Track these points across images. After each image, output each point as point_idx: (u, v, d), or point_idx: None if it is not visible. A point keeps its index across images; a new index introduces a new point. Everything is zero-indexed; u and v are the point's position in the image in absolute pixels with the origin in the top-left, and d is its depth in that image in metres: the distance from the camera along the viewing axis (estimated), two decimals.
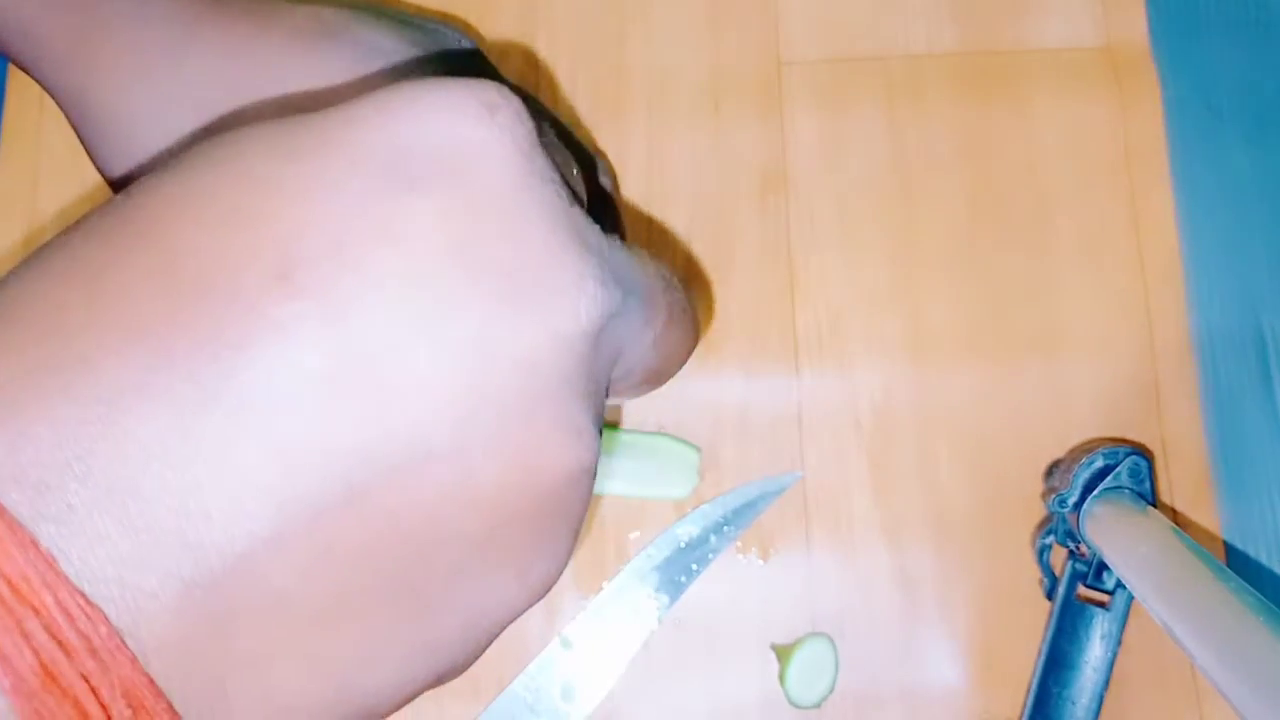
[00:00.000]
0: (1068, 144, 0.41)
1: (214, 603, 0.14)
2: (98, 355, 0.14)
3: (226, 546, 0.14)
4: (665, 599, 0.38)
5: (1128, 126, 0.41)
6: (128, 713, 0.14)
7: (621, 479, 0.39)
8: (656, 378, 0.21)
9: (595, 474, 0.17)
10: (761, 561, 0.39)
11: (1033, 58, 0.42)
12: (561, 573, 0.18)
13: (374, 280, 0.15)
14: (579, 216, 0.18)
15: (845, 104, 0.42)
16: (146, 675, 0.14)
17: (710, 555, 0.38)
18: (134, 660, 0.14)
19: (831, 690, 0.37)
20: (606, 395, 0.19)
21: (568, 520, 0.17)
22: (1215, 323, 0.40)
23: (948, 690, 0.38)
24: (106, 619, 0.14)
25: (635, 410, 0.39)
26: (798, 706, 0.37)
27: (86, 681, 0.13)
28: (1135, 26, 0.42)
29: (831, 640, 0.38)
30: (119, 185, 0.29)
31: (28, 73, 0.29)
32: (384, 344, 0.15)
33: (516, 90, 0.26)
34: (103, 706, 0.14)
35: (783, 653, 0.37)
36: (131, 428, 0.14)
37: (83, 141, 0.29)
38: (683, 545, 0.38)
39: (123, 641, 0.14)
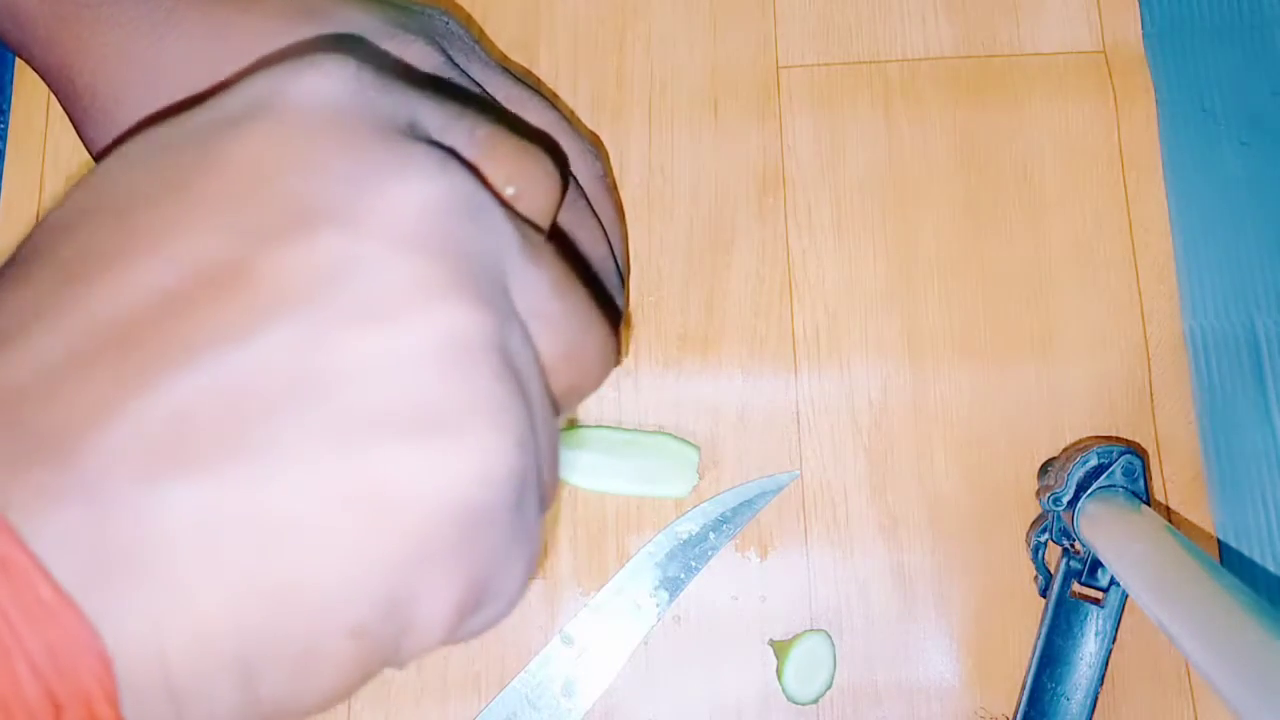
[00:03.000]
0: (1062, 146, 0.42)
1: (90, 498, 0.14)
2: None
3: (96, 444, 0.14)
4: (665, 596, 0.38)
5: (1122, 129, 0.42)
6: (10, 596, 0.14)
7: (621, 478, 0.39)
8: (563, 396, 0.20)
9: (487, 341, 0.17)
10: (760, 559, 0.39)
11: (1028, 61, 0.43)
12: (502, 451, 0.16)
13: (196, 207, 0.16)
14: (412, 132, 0.18)
15: (843, 107, 0.42)
16: (34, 559, 0.14)
17: (709, 553, 0.39)
18: (14, 537, 0.14)
19: (829, 686, 0.38)
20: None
21: (467, 382, 0.16)
22: (1208, 322, 0.40)
23: (944, 686, 0.38)
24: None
25: (635, 409, 0.40)
26: (796, 702, 0.37)
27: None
28: (1129, 30, 0.43)
29: (829, 636, 0.38)
30: None
31: (16, 53, 0.30)
32: (207, 256, 0.16)
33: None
34: None
35: (781, 649, 0.38)
36: None
37: (70, 120, 0.30)
38: (682, 543, 0.39)
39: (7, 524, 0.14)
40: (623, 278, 0.35)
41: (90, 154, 0.30)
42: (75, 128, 0.30)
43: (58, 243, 0.16)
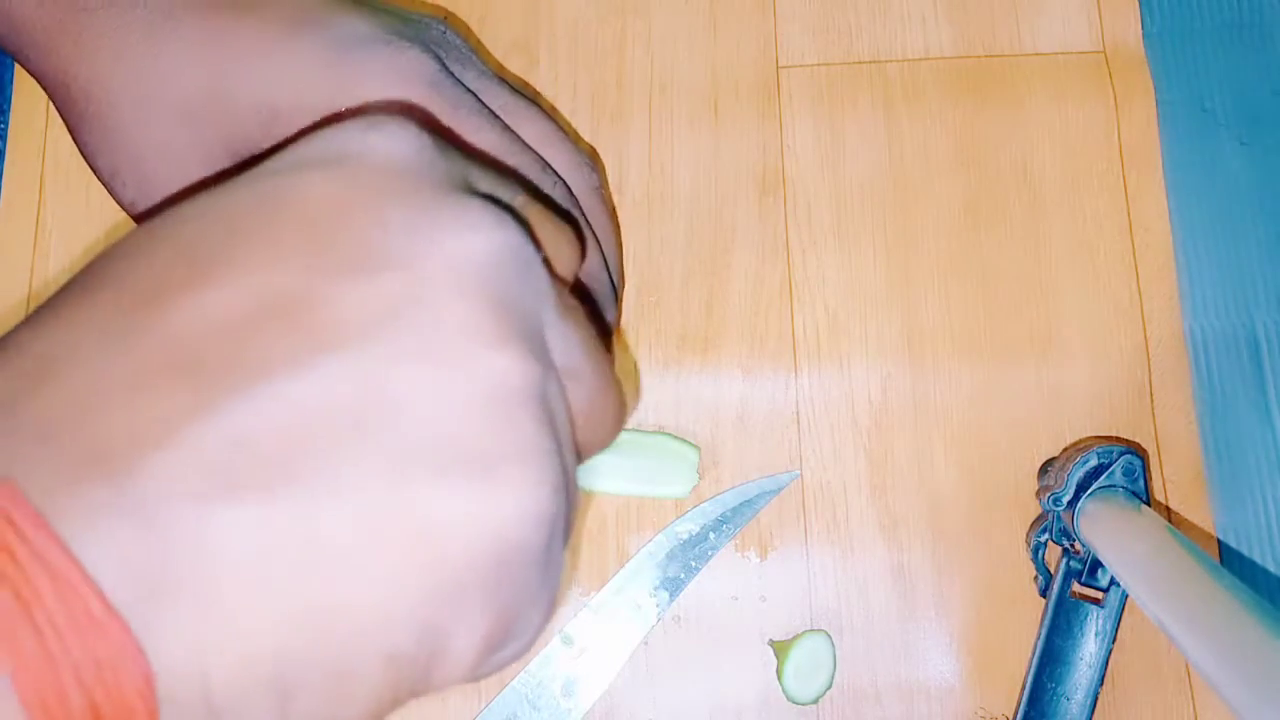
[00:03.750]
0: (1062, 146, 0.42)
1: (145, 517, 0.15)
2: (24, 343, 0.16)
3: (154, 464, 0.15)
4: (665, 596, 0.38)
5: (1122, 129, 0.42)
6: (62, 608, 0.14)
7: (621, 478, 0.39)
8: (581, 449, 0.21)
9: (532, 392, 0.17)
10: (760, 559, 0.39)
11: (1028, 61, 0.43)
12: (542, 493, 0.17)
13: (266, 241, 0.17)
14: (471, 188, 0.19)
15: (843, 107, 0.42)
16: (87, 578, 0.14)
17: (709, 553, 0.39)
18: (69, 556, 0.14)
19: (829, 686, 0.38)
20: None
21: (511, 427, 0.17)
22: (1208, 322, 0.40)
23: (944, 686, 0.38)
24: (36, 509, 0.14)
25: (635, 410, 0.40)
26: (796, 702, 0.37)
27: (27, 579, 0.14)
28: (1129, 30, 0.43)
29: (829, 636, 0.38)
30: (100, 171, 0.29)
31: (14, 59, 0.30)
32: (274, 287, 0.16)
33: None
34: (45, 608, 0.14)
35: (781, 649, 0.38)
36: (49, 380, 0.15)
37: (66, 125, 0.30)
38: (682, 543, 0.39)
39: (56, 537, 0.14)
40: (616, 291, 0.35)
41: (86, 159, 0.30)
42: (71, 133, 0.30)
43: (124, 270, 0.17)
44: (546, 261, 0.20)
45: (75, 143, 0.30)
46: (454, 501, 0.16)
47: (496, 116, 0.31)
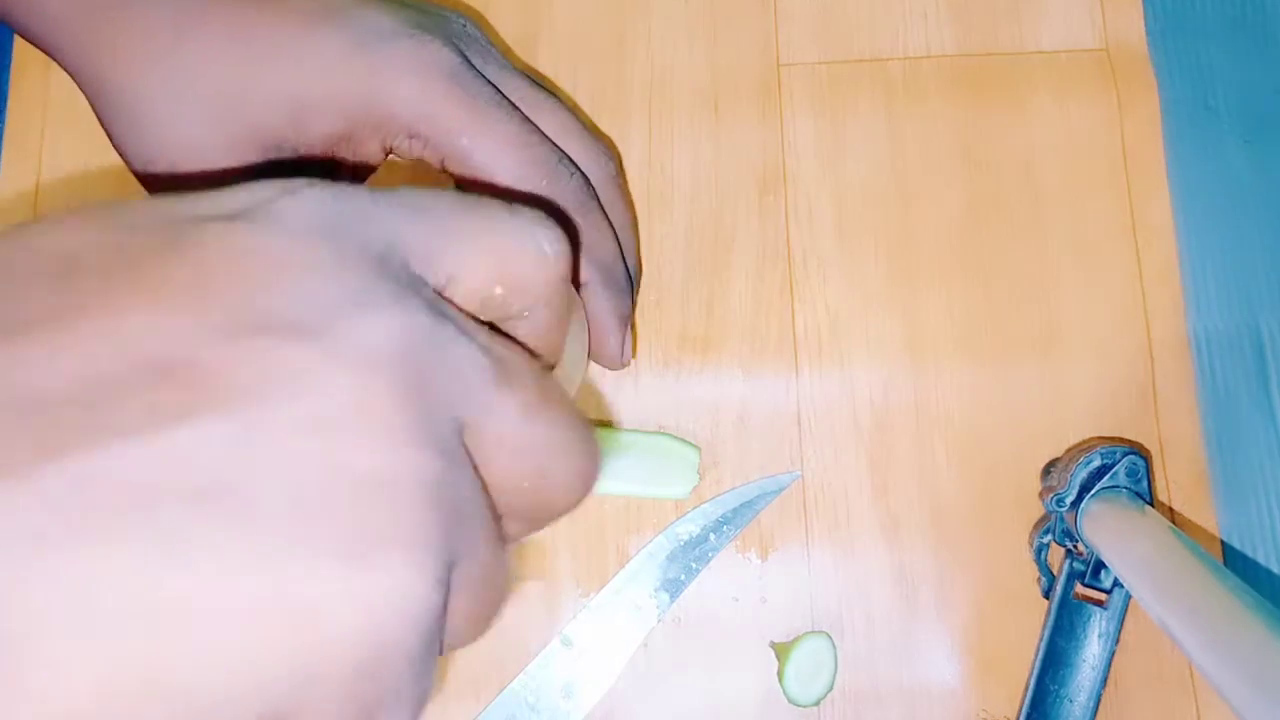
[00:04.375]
0: (1065, 145, 0.42)
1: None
2: None
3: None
4: (665, 597, 0.38)
5: (1125, 128, 0.42)
6: None
7: (621, 478, 0.39)
8: (535, 516, 0.20)
9: (431, 495, 0.16)
10: (761, 560, 0.39)
11: (1030, 60, 0.42)
12: (414, 595, 0.16)
13: (153, 287, 0.16)
14: (383, 265, 0.18)
15: (844, 106, 0.42)
16: None
17: (710, 554, 0.39)
18: None
19: (830, 688, 0.37)
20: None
21: (391, 523, 0.16)
22: (1212, 322, 0.40)
23: (946, 688, 0.38)
24: None
25: (635, 410, 0.40)
26: (797, 704, 0.37)
27: None
28: (1132, 28, 0.43)
29: (830, 638, 0.38)
30: (132, 163, 0.30)
31: (46, 52, 0.30)
32: (154, 340, 0.15)
33: None
34: None
35: (782, 651, 0.38)
36: None
37: (99, 119, 0.30)
38: (682, 544, 0.39)
39: None
40: (633, 280, 0.35)
41: (118, 152, 0.30)
42: (103, 125, 0.30)
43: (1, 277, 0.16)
44: (480, 326, 0.19)
45: (107, 134, 0.30)
46: (322, 584, 0.15)
47: (515, 108, 0.32)
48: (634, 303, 0.37)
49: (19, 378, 0.14)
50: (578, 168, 0.33)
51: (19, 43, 0.43)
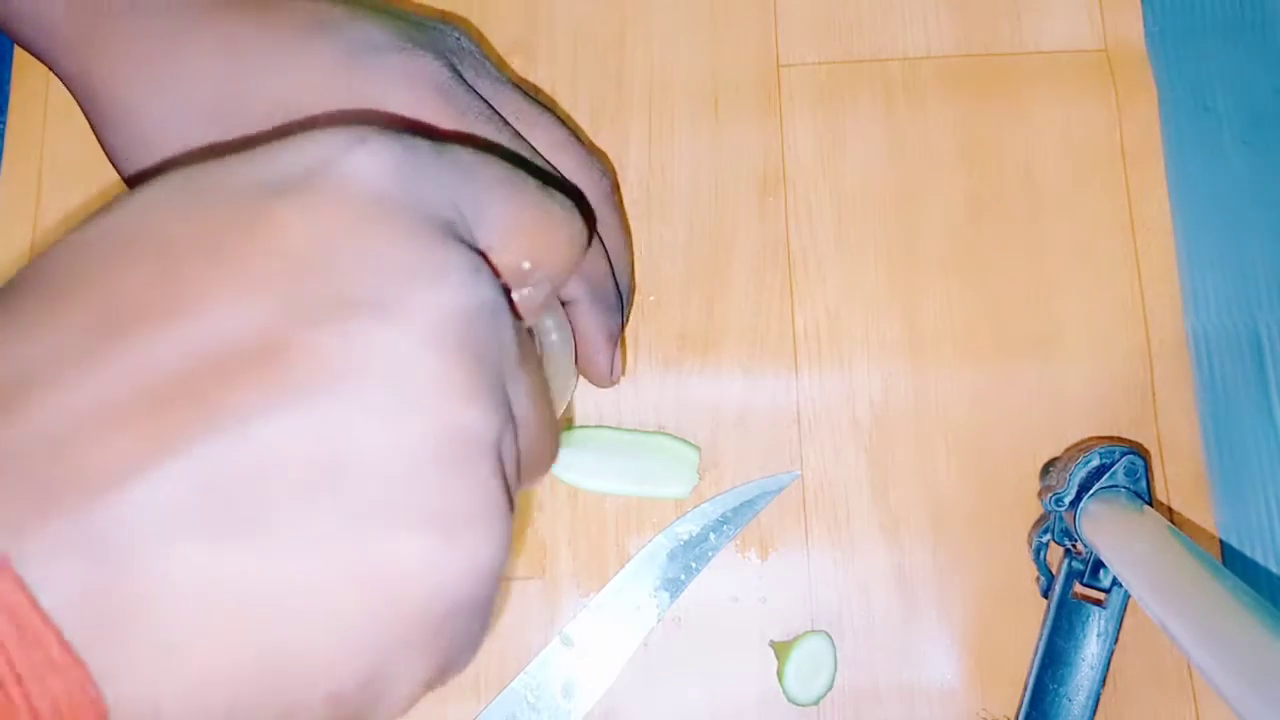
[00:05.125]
0: (1064, 145, 0.42)
1: (104, 554, 0.15)
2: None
3: (115, 503, 0.15)
4: (665, 597, 0.38)
5: (1124, 127, 0.42)
6: (13, 632, 0.14)
7: (621, 478, 0.39)
8: (530, 449, 0.21)
9: (493, 446, 0.18)
10: (760, 560, 0.39)
11: (1030, 60, 0.42)
12: (495, 549, 0.17)
13: (244, 273, 0.17)
14: (449, 229, 0.19)
15: (844, 106, 0.42)
16: (34, 602, 0.14)
17: (710, 553, 0.39)
18: (19, 581, 0.14)
19: (830, 688, 0.37)
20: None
21: (472, 481, 0.17)
22: (1211, 322, 0.40)
23: (945, 687, 0.38)
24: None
25: (635, 410, 0.40)
26: (796, 704, 0.37)
27: None
28: (1131, 28, 0.43)
29: (830, 638, 0.38)
30: (124, 172, 0.30)
31: (42, 61, 0.30)
32: (251, 327, 0.16)
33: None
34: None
35: (781, 650, 0.38)
36: (9, 404, 0.15)
37: (92, 128, 0.30)
38: (682, 543, 0.39)
39: (9, 564, 0.14)
40: (624, 299, 0.35)
41: (110, 160, 0.30)
42: (96, 134, 0.30)
43: (93, 275, 0.17)
44: (513, 307, 0.20)
45: (100, 143, 0.30)
46: (411, 555, 0.16)
47: (507, 123, 0.32)
48: (625, 321, 0.37)
49: (131, 369, 0.16)
50: (570, 185, 0.33)
51: None
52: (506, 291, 0.21)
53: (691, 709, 0.38)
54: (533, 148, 0.32)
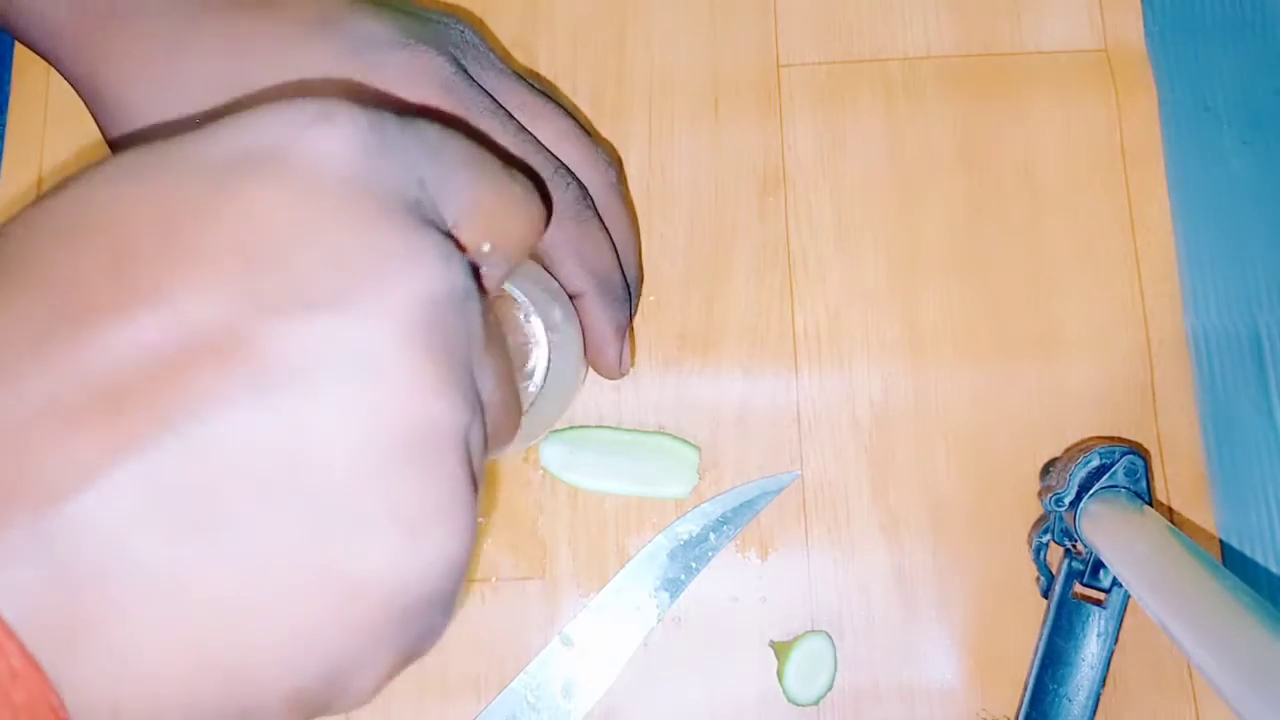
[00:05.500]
0: (1064, 145, 0.42)
1: (59, 557, 0.14)
2: None
3: (71, 506, 0.14)
4: (665, 597, 0.38)
5: (1124, 128, 0.42)
6: None
7: (622, 478, 0.39)
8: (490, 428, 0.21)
9: (460, 437, 0.17)
10: (760, 560, 0.39)
11: (1030, 60, 0.42)
12: (460, 544, 0.17)
13: (203, 261, 0.16)
14: (418, 210, 0.18)
15: (844, 106, 0.42)
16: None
17: (710, 553, 0.39)
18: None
19: (830, 687, 0.37)
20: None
21: (440, 481, 0.17)
22: (1211, 322, 0.40)
23: (945, 687, 0.38)
24: None
25: (635, 410, 0.40)
26: (796, 704, 0.37)
27: None
28: (1131, 29, 0.43)
29: (830, 638, 0.38)
30: None
31: (47, 60, 0.30)
32: (210, 320, 0.15)
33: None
34: None
35: (781, 650, 0.38)
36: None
37: (98, 126, 0.30)
38: (682, 543, 0.39)
39: None
40: (632, 290, 0.35)
41: (107, 143, 0.30)
42: (102, 134, 0.30)
43: (43, 260, 0.16)
44: (481, 290, 0.20)
45: (106, 143, 0.30)
46: (376, 553, 0.16)
47: (512, 117, 0.31)
48: (634, 313, 0.37)
49: (84, 365, 0.15)
50: (575, 177, 0.33)
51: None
52: (475, 271, 0.20)
53: (691, 709, 0.38)
54: (538, 141, 0.32)
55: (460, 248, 0.20)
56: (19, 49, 0.43)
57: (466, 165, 0.20)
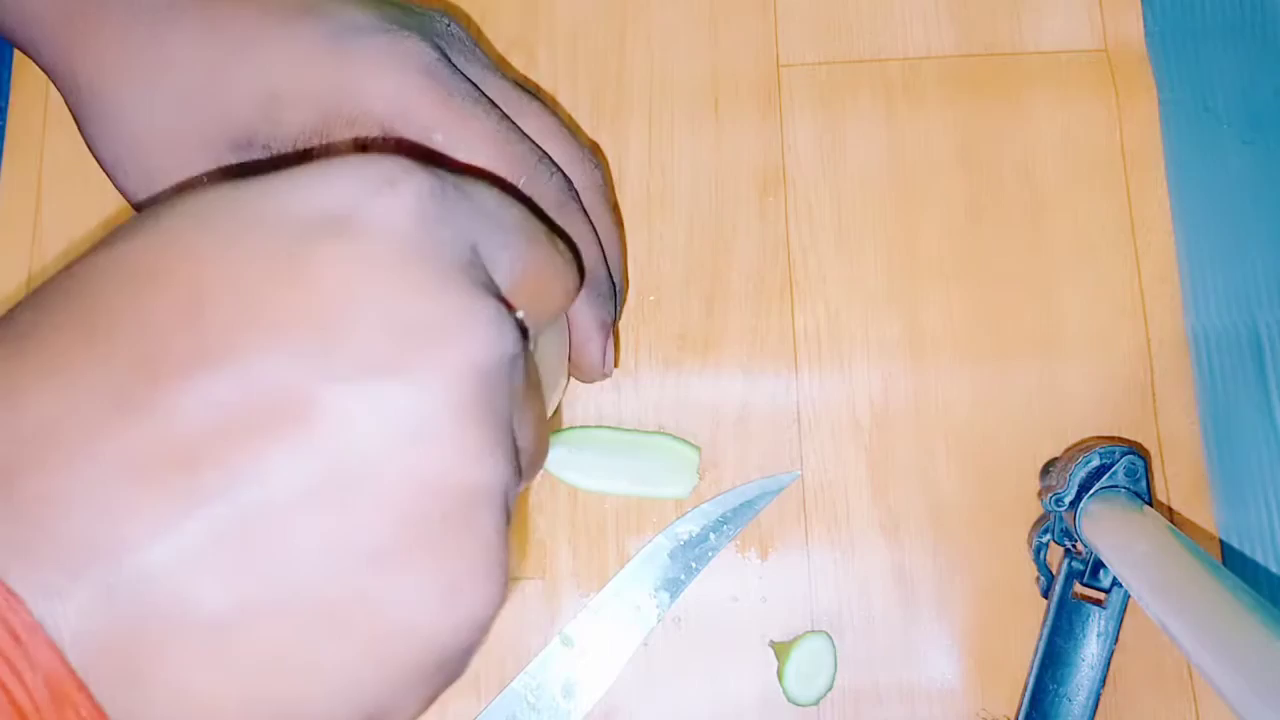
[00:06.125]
0: (1065, 145, 0.42)
1: (127, 606, 0.15)
2: (22, 393, 0.16)
3: (141, 558, 0.15)
4: (665, 597, 0.38)
5: (1124, 128, 0.42)
6: (48, 695, 0.15)
7: (622, 478, 0.39)
8: (527, 450, 0.22)
9: (499, 498, 0.18)
10: (761, 560, 0.39)
11: (1030, 60, 0.42)
12: (493, 604, 0.18)
13: (276, 324, 0.17)
14: (474, 275, 0.19)
15: (844, 106, 0.42)
16: (67, 664, 0.15)
17: (710, 554, 0.39)
18: (53, 646, 0.15)
19: (830, 688, 0.37)
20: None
21: (477, 538, 0.18)
22: (1210, 322, 0.40)
23: (945, 687, 0.38)
24: (26, 606, 0.15)
25: (635, 410, 0.40)
26: (796, 704, 0.37)
27: (9, 663, 0.14)
28: (1131, 29, 0.43)
29: (830, 638, 0.38)
30: (105, 162, 0.30)
31: (23, 51, 0.30)
32: (279, 383, 0.16)
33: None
34: (26, 689, 0.14)
35: (782, 650, 0.38)
36: (51, 455, 0.16)
37: (74, 118, 0.30)
38: (682, 544, 0.39)
39: (42, 629, 0.15)
40: (615, 288, 0.35)
41: (91, 150, 0.30)
42: (78, 125, 0.30)
43: (122, 313, 0.17)
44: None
45: (81, 134, 0.30)
46: (416, 611, 0.17)
47: (495, 105, 0.31)
48: (618, 314, 0.36)
49: (160, 423, 0.16)
50: (559, 169, 0.32)
51: None
52: (522, 330, 0.21)
53: (691, 709, 0.38)
54: (521, 131, 0.31)
55: (509, 307, 0.20)
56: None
57: (519, 232, 0.21)
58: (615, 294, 0.35)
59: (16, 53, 0.43)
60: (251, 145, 0.29)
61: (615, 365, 0.39)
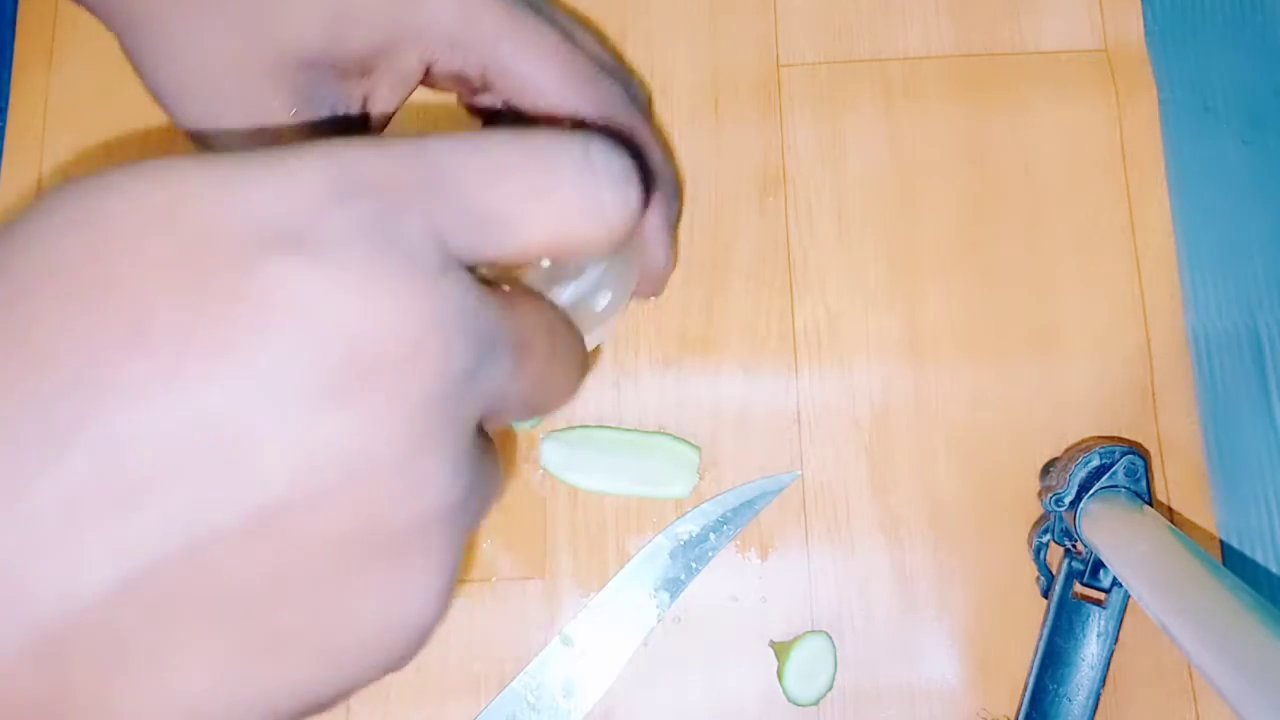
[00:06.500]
0: (1064, 145, 0.42)
1: (53, 646, 0.15)
2: None
3: (60, 600, 0.15)
4: (665, 597, 0.38)
5: (1124, 127, 0.42)
6: None
7: (622, 478, 0.39)
8: (537, 410, 0.21)
9: (453, 515, 0.18)
10: (761, 560, 0.39)
11: (1030, 60, 0.42)
12: (439, 616, 0.18)
13: (218, 348, 0.15)
14: (453, 289, 0.17)
15: (844, 106, 0.42)
16: None
17: (710, 553, 0.39)
18: None
19: (830, 688, 0.37)
20: (484, 429, 0.19)
21: (429, 558, 0.17)
22: (1211, 322, 0.40)
23: (945, 687, 0.38)
24: None
25: (635, 410, 0.40)
26: (796, 704, 0.37)
27: None
28: (1131, 28, 0.43)
29: (830, 638, 0.38)
30: (158, 90, 0.29)
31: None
32: (220, 414, 0.15)
33: None
34: None
35: (781, 650, 0.38)
36: None
37: (131, 62, 0.30)
38: (682, 543, 0.39)
39: None
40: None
41: (149, 86, 0.29)
42: (132, 59, 0.29)
43: (61, 323, 0.15)
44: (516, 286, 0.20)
45: (136, 69, 0.29)
46: (361, 630, 0.17)
47: (555, 21, 0.31)
48: (678, 216, 0.36)
49: (98, 456, 0.15)
50: (619, 77, 0.32)
51: (20, 41, 0.43)
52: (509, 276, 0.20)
53: (691, 709, 0.38)
54: (579, 45, 0.32)
55: (494, 288, 0.19)
56: (19, 49, 0.43)
57: (516, 167, 0.19)
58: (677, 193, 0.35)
59: (16, 53, 0.43)
60: (318, 65, 0.29)
61: (674, 266, 0.39)
